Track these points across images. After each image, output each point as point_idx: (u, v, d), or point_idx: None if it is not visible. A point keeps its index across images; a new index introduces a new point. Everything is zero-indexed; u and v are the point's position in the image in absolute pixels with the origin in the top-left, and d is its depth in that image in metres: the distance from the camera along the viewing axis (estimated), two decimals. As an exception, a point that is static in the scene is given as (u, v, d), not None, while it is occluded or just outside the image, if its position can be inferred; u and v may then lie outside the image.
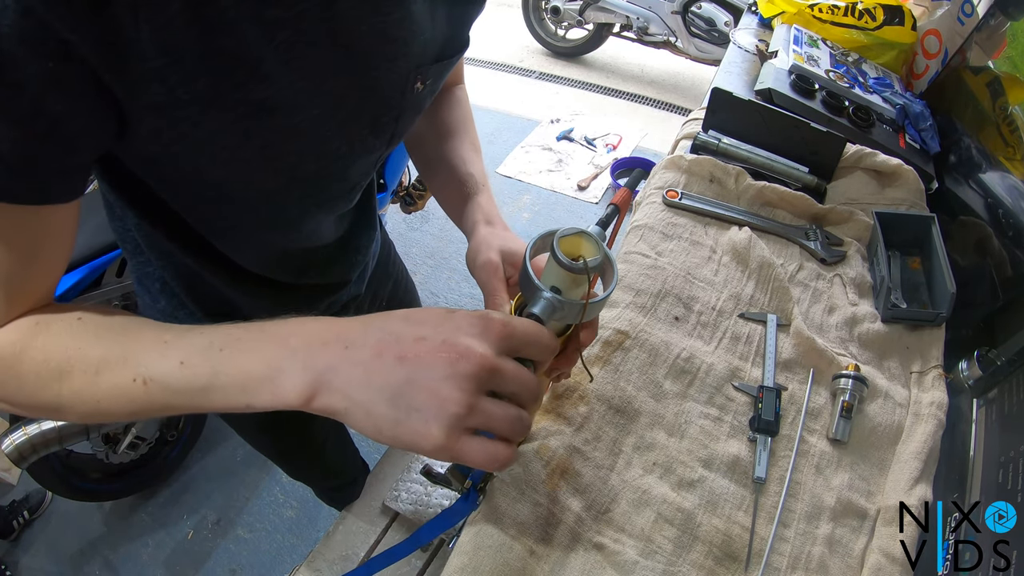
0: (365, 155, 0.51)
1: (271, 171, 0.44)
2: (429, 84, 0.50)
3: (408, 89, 0.47)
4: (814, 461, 0.64)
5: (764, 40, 1.29)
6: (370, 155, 0.52)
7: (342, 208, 0.60)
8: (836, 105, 1.03)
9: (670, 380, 0.70)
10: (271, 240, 0.57)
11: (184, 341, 0.36)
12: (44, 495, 1.72)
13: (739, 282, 0.81)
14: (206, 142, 0.38)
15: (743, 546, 0.58)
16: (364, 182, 0.59)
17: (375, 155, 0.53)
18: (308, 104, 0.41)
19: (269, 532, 1.65)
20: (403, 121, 0.51)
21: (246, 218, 0.52)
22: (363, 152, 0.50)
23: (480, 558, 0.53)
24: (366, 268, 0.75)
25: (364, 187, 0.62)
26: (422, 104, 0.52)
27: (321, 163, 0.47)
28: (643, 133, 3.03)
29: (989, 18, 0.99)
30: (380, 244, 0.81)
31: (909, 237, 0.86)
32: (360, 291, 0.74)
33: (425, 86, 0.49)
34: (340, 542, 0.69)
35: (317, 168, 0.47)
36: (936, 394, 0.69)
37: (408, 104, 0.49)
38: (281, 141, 0.42)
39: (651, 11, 3.14)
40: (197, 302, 0.62)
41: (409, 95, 0.48)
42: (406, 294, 0.93)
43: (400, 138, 0.54)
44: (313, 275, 0.65)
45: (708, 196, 0.92)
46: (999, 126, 0.91)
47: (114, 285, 1.29)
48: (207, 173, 0.41)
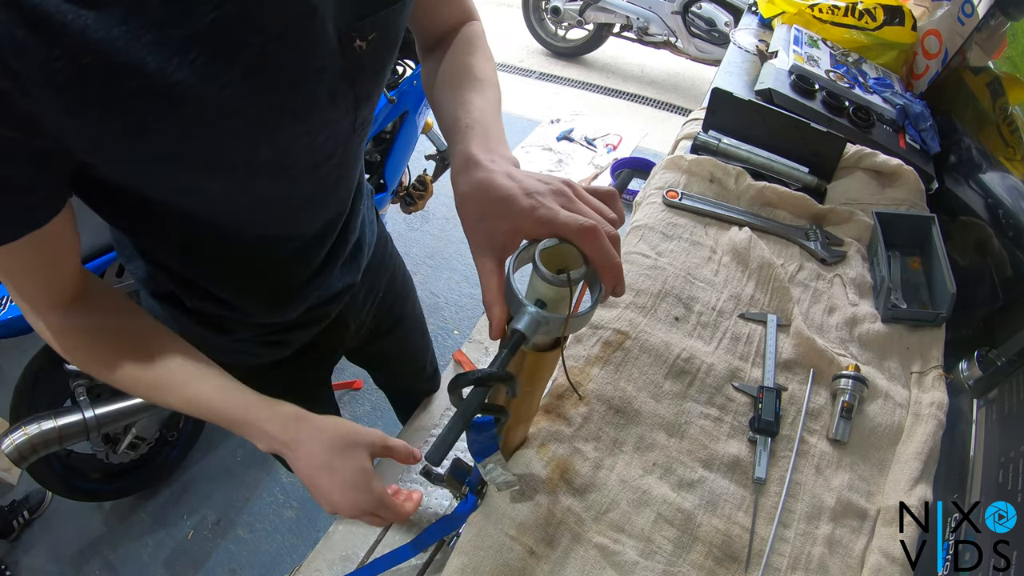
0: (327, 127, 0.49)
1: (225, 169, 0.45)
2: (374, 40, 0.46)
3: (347, 50, 0.45)
4: (814, 461, 0.64)
5: (764, 40, 1.29)
6: (334, 125, 0.50)
7: (320, 189, 0.57)
8: (836, 105, 1.03)
9: (670, 380, 0.70)
10: (248, 232, 0.55)
11: (219, 398, 0.54)
12: (44, 495, 1.71)
13: (739, 282, 0.81)
14: (151, 168, 0.41)
15: (743, 546, 0.58)
16: (343, 151, 0.55)
17: (340, 124, 0.50)
18: (239, 106, 0.40)
19: (269, 532, 1.65)
20: (361, 84, 0.48)
21: (217, 218, 0.51)
22: (323, 124, 0.48)
23: (480, 558, 0.53)
24: (360, 258, 0.74)
25: (349, 164, 0.59)
26: (379, 62, 0.49)
27: (276, 146, 0.46)
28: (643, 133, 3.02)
29: (989, 18, 0.99)
30: (376, 236, 0.80)
31: (909, 237, 0.86)
32: (356, 280, 0.73)
33: (369, 42, 0.46)
34: (340, 542, 0.69)
35: (274, 152, 0.46)
36: (936, 394, 0.69)
37: (355, 65, 0.46)
38: (223, 144, 0.42)
39: (651, 11, 3.14)
40: (188, 294, 0.62)
41: (352, 56, 0.45)
42: (403, 287, 0.93)
43: (367, 101, 0.51)
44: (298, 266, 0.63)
45: (708, 196, 0.92)
46: (999, 126, 0.91)
47: (114, 285, 1.29)
48: (165, 187, 0.45)
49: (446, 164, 1.94)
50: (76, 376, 1.35)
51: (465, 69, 0.58)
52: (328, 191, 0.59)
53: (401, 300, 0.93)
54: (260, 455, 1.80)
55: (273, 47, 0.39)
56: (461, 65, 0.59)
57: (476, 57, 0.60)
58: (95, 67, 0.33)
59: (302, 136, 0.47)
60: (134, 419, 1.43)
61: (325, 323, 0.73)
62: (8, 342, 1.18)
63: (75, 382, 1.35)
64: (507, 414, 0.46)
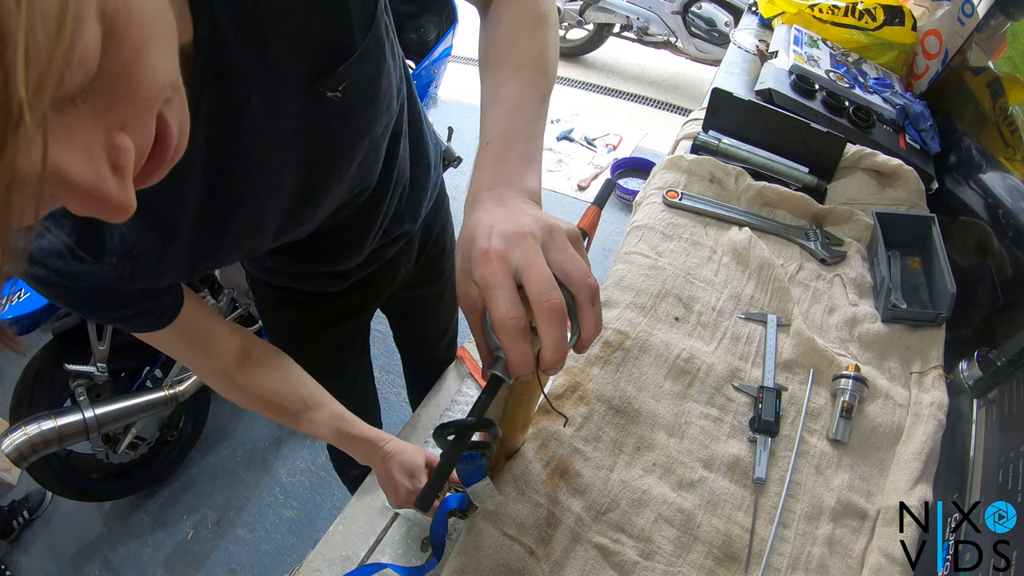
0: (337, 179, 0.54)
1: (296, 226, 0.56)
2: (349, 86, 0.46)
3: (321, 102, 0.45)
4: (814, 461, 0.64)
5: (764, 40, 1.29)
6: (340, 170, 0.54)
7: (346, 200, 0.61)
8: (836, 105, 1.03)
9: (670, 380, 0.69)
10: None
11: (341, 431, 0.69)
12: (44, 495, 1.72)
13: (739, 282, 0.81)
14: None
15: (743, 546, 0.58)
16: (374, 151, 0.57)
17: (355, 150, 0.53)
18: (253, 195, 0.49)
19: (269, 532, 1.65)
20: (353, 118, 0.50)
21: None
22: (334, 183, 0.55)
23: (479, 558, 0.53)
24: (418, 217, 0.77)
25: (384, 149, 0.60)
26: (366, 94, 0.49)
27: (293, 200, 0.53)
28: (643, 133, 3.02)
29: (989, 18, 0.99)
30: (437, 189, 0.84)
31: (909, 237, 0.86)
32: (413, 227, 0.78)
33: (343, 91, 0.45)
34: (340, 542, 0.69)
35: (290, 204, 0.53)
36: (936, 394, 0.69)
37: (339, 109, 0.47)
38: (229, 238, 0.51)
39: (651, 11, 3.14)
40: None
41: (327, 105, 0.46)
42: (451, 243, 0.97)
43: (376, 119, 0.52)
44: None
45: (708, 196, 0.92)
46: (999, 126, 0.91)
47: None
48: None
49: (446, 164, 1.93)
50: (76, 376, 1.35)
51: (502, 46, 0.49)
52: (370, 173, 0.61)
53: (447, 256, 0.97)
54: (260, 455, 1.81)
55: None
56: (498, 39, 0.50)
57: (519, 27, 0.49)
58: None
59: (309, 193, 0.54)
60: (134, 419, 1.43)
61: (380, 264, 0.78)
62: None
63: (75, 382, 1.35)
64: (491, 449, 0.48)
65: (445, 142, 1.87)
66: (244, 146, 0.45)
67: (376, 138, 0.55)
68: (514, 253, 0.36)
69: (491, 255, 0.36)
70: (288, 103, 0.44)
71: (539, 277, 0.35)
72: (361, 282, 0.79)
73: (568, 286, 0.37)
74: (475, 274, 0.37)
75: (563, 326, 0.35)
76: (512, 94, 0.46)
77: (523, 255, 0.36)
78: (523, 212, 0.39)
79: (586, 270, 0.37)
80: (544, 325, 0.35)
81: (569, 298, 0.37)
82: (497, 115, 0.45)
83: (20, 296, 1.16)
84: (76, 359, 1.35)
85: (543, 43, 0.49)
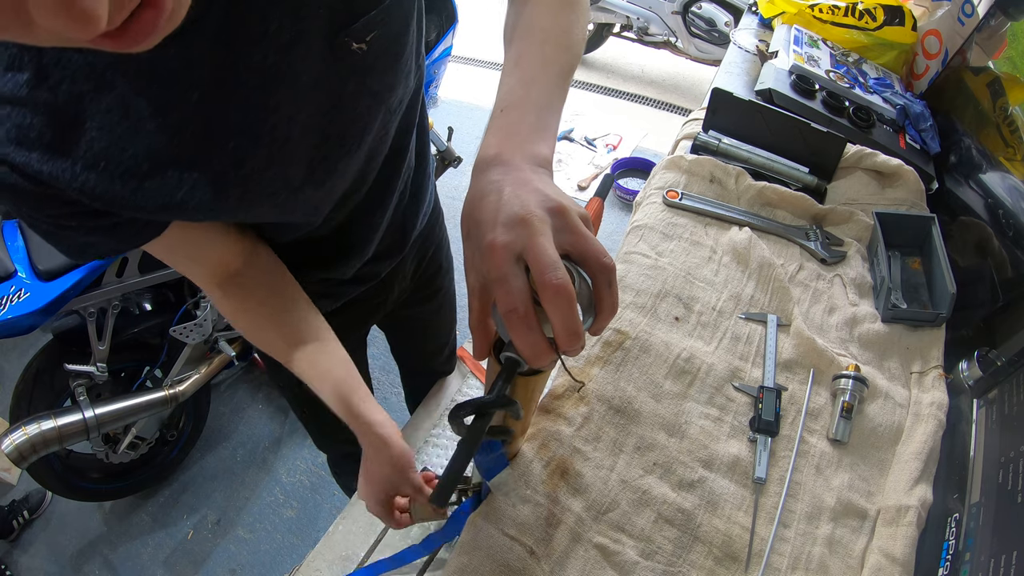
0: (347, 151, 0.52)
1: (259, 197, 0.49)
2: (375, 39, 0.45)
3: (343, 55, 0.44)
4: (814, 461, 0.64)
5: (764, 40, 1.29)
6: (352, 140, 0.51)
7: (357, 183, 0.59)
8: (836, 105, 1.03)
9: (670, 380, 0.70)
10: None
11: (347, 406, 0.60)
12: (44, 495, 1.72)
13: (739, 282, 0.81)
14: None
15: (743, 546, 0.58)
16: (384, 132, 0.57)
17: (369, 121, 0.52)
18: (268, 138, 0.44)
19: (269, 532, 1.65)
20: (373, 79, 0.48)
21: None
22: (344, 156, 0.52)
23: (480, 558, 0.53)
24: (413, 230, 0.77)
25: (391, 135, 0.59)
26: (389, 56, 0.48)
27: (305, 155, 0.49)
28: (643, 133, 3.02)
29: (989, 18, 0.99)
30: (432, 206, 0.84)
31: (909, 237, 0.86)
32: (411, 237, 0.77)
33: (369, 43, 0.44)
34: (340, 542, 0.69)
35: (306, 166, 0.50)
36: (936, 394, 0.69)
37: (360, 66, 0.46)
38: (253, 182, 0.47)
39: (651, 11, 3.14)
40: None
41: (348, 59, 0.44)
42: (447, 261, 0.97)
43: (390, 91, 0.51)
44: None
45: (708, 196, 0.92)
46: (999, 126, 0.91)
47: (114, 285, 1.29)
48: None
49: (446, 164, 1.93)
50: (76, 376, 1.35)
51: (528, 21, 0.49)
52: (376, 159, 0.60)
53: (443, 273, 0.96)
54: (260, 455, 1.81)
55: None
56: (523, 16, 0.49)
57: (547, 5, 0.49)
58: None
59: (322, 146, 0.50)
60: (134, 419, 1.44)
61: (374, 282, 0.77)
62: (8, 342, 1.18)
63: (75, 382, 1.35)
64: (511, 433, 0.46)
65: (445, 142, 1.87)
66: (252, 79, 0.41)
67: (390, 111, 0.54)
68: (519, 239, 0.35)
69: (496, 247, 0.35)
70: (309, 44, 0.41)
71: (542, 259, 0.34)
72: (355, 301, 0.78)
73: (584, 267, 0.36)
74: (482, 267, 0.37)
75: (570, 306, 0.34)
76: (533, 65, 0.45)
77: (528, 238, 0.35)
78: (531, 187, 0.37)
79: (601, 250, 0.36)
80: (549, 307, 0.34)
81: (584, 282, 0.36)
82: (514, 84, 0.44)
83: (20, 296, 1.16)
84: (76, 359, 1.35)
85: (569, 22, 0.49)
